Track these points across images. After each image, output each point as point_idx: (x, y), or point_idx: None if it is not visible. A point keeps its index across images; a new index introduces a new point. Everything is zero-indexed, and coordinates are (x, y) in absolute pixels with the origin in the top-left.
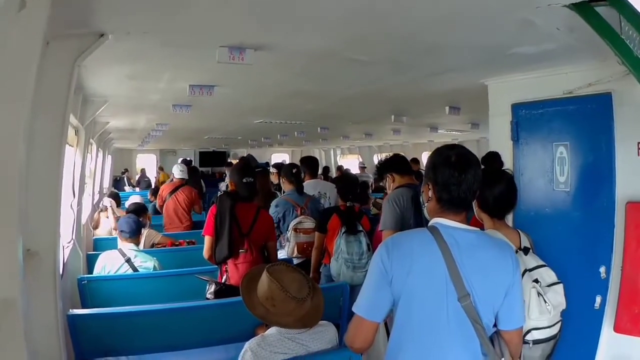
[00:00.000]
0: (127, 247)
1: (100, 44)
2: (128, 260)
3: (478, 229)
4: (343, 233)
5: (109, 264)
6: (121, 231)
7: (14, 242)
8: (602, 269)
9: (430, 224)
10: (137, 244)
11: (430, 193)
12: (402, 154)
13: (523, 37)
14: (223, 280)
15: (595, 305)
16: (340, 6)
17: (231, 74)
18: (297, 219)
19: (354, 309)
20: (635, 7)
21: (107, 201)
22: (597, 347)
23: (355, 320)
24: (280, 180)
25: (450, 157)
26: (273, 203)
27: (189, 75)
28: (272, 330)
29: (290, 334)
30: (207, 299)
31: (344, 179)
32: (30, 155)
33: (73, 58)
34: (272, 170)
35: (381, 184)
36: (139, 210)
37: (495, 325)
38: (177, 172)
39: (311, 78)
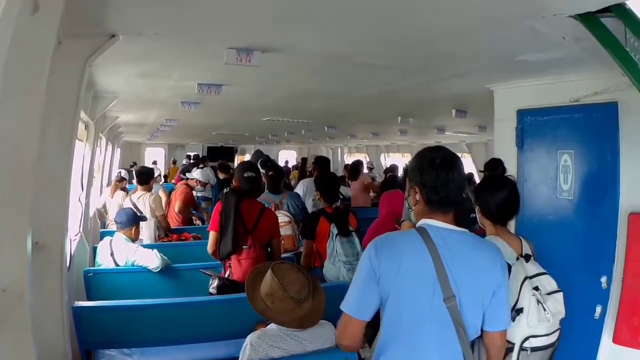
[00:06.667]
0: (118, 238)
1: (111, 45)
2: (112, 254)
3: (466, 230)
4: (336, 236)
5: (100, 252)
6: (115, 221)
7: (24, 236)
8: (604, 279)
9: (418, 225)
10: (133, 238)
11: (417, 196)
12: (409, 154)
13: (530, 45)
14: (226, 276)
15: (595, 315)
16: (349, 10)
17: (239, 74)
18: None
19: (342, 307)
20: None
21: (124, 173)
22: (596, 357)
23: (344, 318)
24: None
25: (435, 159)
26: None
27: (197, 74)
28: (273, 325)
29: (290, 330)
30: (210, 293)
31: (326, 180)
32: (41, 151)
33: (84, 58)
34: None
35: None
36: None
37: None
38: (200, 175)
39: (319, 80)
